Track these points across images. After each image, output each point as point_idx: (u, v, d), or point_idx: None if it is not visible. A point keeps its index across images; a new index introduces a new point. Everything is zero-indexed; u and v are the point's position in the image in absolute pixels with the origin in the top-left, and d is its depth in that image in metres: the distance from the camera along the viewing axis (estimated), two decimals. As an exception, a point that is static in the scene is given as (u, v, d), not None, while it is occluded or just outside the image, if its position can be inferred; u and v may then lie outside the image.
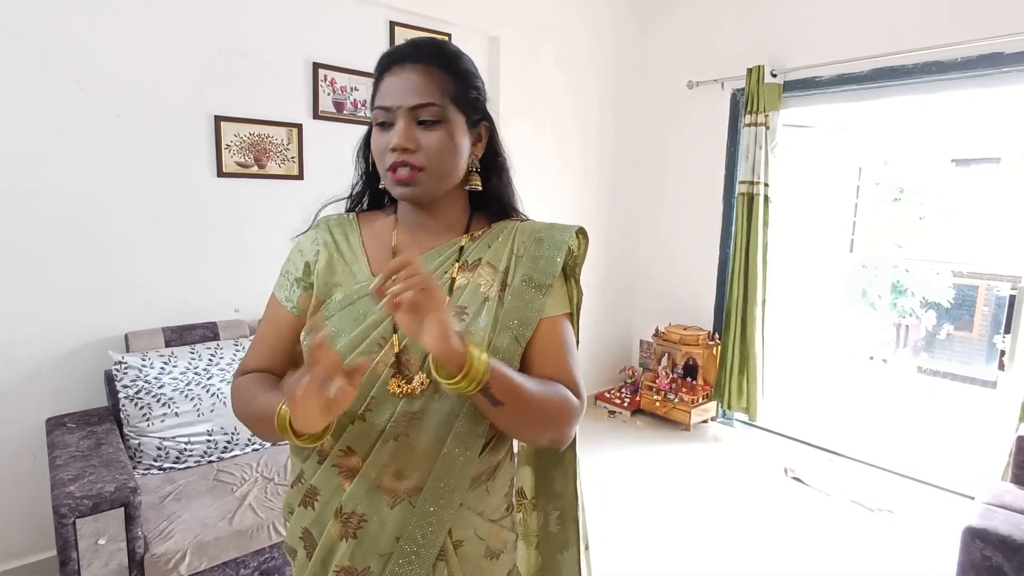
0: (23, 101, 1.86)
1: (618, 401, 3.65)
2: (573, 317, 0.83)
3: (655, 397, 3.48)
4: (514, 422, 0.72)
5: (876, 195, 6.68)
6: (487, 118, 0.83)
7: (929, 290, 6.49)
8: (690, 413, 3.34)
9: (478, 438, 0.74)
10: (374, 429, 0.74)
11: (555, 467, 0.91)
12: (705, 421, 3.50)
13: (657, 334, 3.61)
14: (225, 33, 2.21)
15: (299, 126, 2.42)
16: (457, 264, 0.80)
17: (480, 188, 0.83)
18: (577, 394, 0.77)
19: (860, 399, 4.30)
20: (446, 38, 2.82)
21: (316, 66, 2.44)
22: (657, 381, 3.52)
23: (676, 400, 3.41)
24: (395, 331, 0.76)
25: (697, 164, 3.57)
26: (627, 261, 3.91)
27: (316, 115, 2.47)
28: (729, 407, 3.35)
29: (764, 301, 3.20)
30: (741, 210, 3.19)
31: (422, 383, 0.74)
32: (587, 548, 0.94)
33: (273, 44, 2.33)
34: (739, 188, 3.22)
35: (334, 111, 2.52)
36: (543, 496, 0.91)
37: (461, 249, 0.81)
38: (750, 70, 3.06)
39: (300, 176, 2.46)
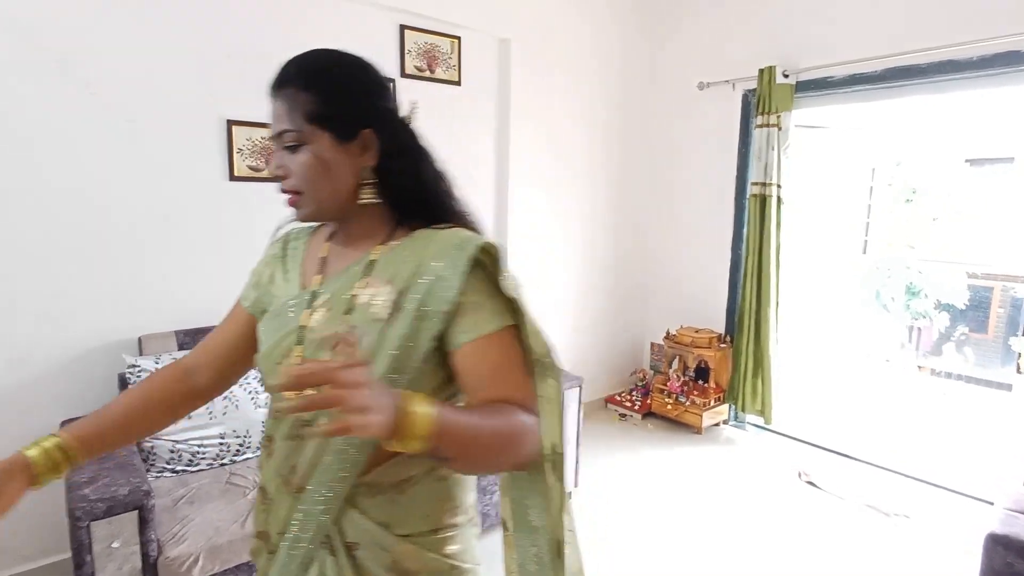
0: (36, 105, 1.87)
1: (628, 404, 3.63)
2: (520, 327, 0.75)
3: (666, 400, 3.46)
4: (467, 467, 0.73)
5: (889, 196, 6.61)
6: (375, 124, 0.76)
7: (943, 291, 6.42)
8: (702, 416, 3.32)
9: (358, 456, 0.73)
10: (282, 427, 0.80)
11: (528, 495, 0.80)
12: (717, 424, 3.48)
13: (668, 336, 3.59)
14: (236, 38, 2.22)
15: (310, 129, 2.43)
16: (364, 279, 0.77)
17: (371, 200, 0.78)
18: (530, 409, 0.72)
19: (874, 402, 4.25)
20: (456, 40, 2.83)
21: (327, 70, 2.44)
22: (668, 384, 3.49)
23: (687, 403, 3.38)
24: (299, 343, 0.78)
25: (708, 165, 3.55)
26: (637, 263, 3.89)
27: (327, 118, 2.47)
28: (743, 410, 3.32)
29: (778, 303, 3.17)
30: (753, 211, 3.16)
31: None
32: None
33: (284, 48, 2.33)
34: (751, 189, 3.19)
35: (345, 114, 2.52)
36: (519, 529, 0.82)
37: (372, 262, 0.78)
38: (762, 71, 3.04)
39: (311, 179, 2.46)
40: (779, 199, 3.10)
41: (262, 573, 0.83)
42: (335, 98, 0.75)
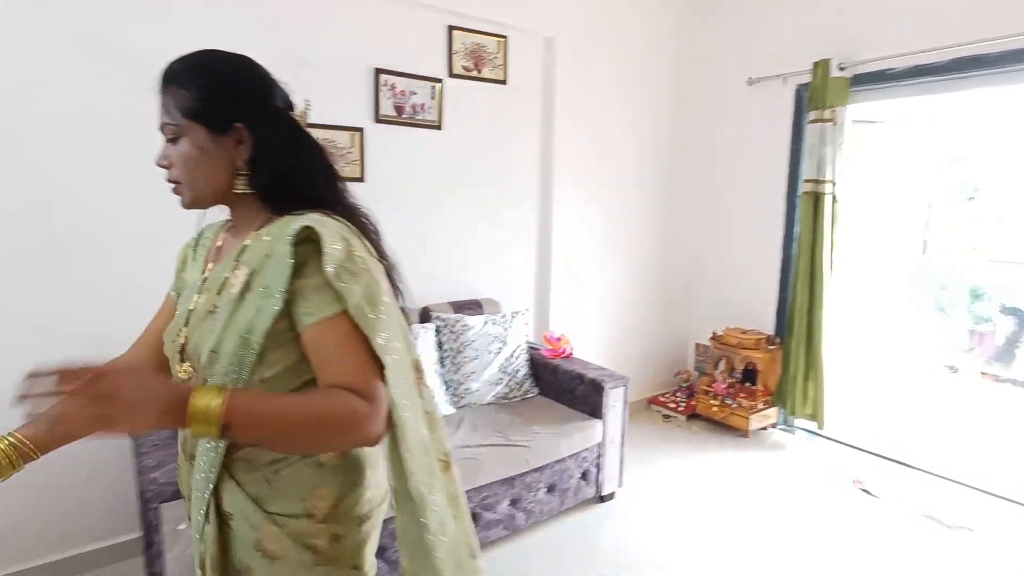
0: (106, 106, 1.98)
1: (672, 405, 3.58)
2: (360, 311, 0.75)
3: (712, 402, 3.39)
4: (280, 449, 0.78)
5: (950, 193, 6.29)
6: (248, 119, 0.81)
7: (1009, 294, 6.06)
8: (748, 419, 3.24)
9: None
10: None
11: (394, 468, 0.82)
12: (765, 428, 3.39)
13: (714, 337, 3.52)
14: (292, 42, 2.29)
15: (361, 130, 2.49)
16: (235, 263, 0.82)
17: (245, 190, 0.83)
18: (366, 392, 0.73)
19: (933, 408, 4.06)
20: (503, 39, 2.84)
21: (378, 71, 2.50)
22: (714, 385, 3.43)
23: (734, 405, 3.31)
24: (185, 324, 0.85)
25: (758, 163, 3.46)
26: (683, 263, 3.83)
27: (378, 119, 2.53)
28: (792, 414, 3.23)
29: (831, 304, 3.07)
30: (806, 210, 3.07)
31: (186, 371, 0.85)
32: (473, 557, 0.87)
33: (338, 52, 2.41)
34: (804, 187, 3.10)
35: (395, 114, 2.57)
36: (399, 496, 0.85)
37: (244, 247, 0.83)
38: (816, 64, 2.94)
39: (362, 179, 2.53)
40: (833, 197, 3.00)
41: None
42: (209, 94, 0.80)
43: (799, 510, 2.57)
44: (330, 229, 0.76)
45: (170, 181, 0.83)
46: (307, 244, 0.76)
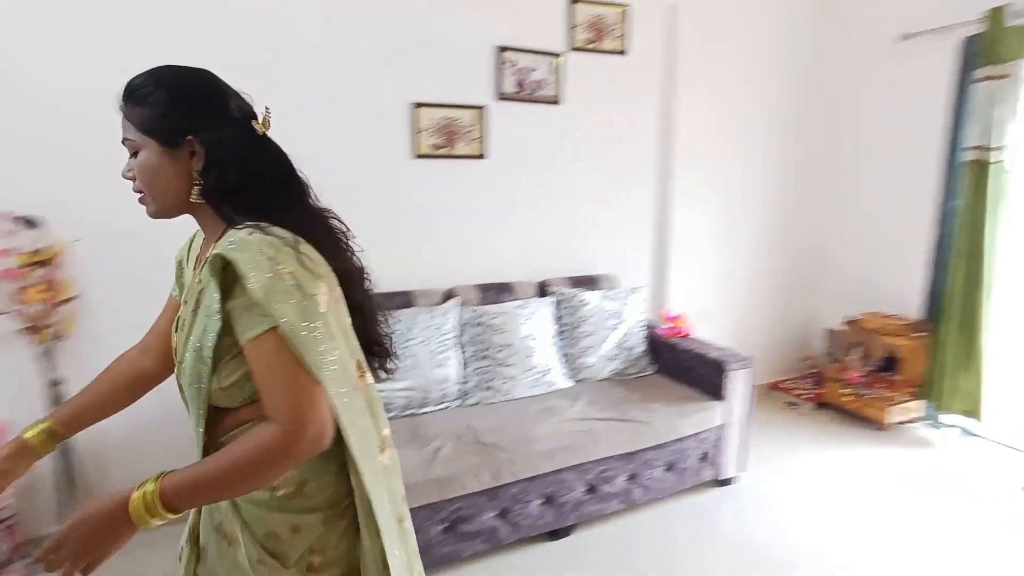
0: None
1: (798, 392, 3.36)
2: (292, 328, 0.75)
3: (844, 391, 3.14)
4: (227, 497, 0.85)
5: None
6: (198, 131, 0.83)
7: None
8: (886, 411, 2.96)
9: (200, 419, 0.84)
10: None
11: (346, 457, 0.87)
12: (903, 422, 3.09)
13: (850, 322, 3.25)
14: (423, 24, 2.39)
15: (483, 108, 2.55)
16: (199, 276, 0.84)
17: (198, 200, 0.85)
18: (291, 416, 0.74)
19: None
20: (624, 8, 2.77)
21: (500, 49, 2.53)
22: (847, 373, 3.17)
23: (870, 395, 3.04)
24: (176, 329, 0.89)
25: (905, 129, 3.11)
26: (811, 241, 3.56)
27: (500, 96, 2.58)
28: (942, 409, 2.91)
29: (997, 287, 2.70)
30: (969, 181, 2.72)
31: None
32: (401, 521, 0.92)
33: (462, 31, 2.47)
34: (967, 155, 2.74)
35: (516, 91, 2.60)
36: (352, 474, 0.87)
37: (206, 260, 0.82)
38: (993, 10, 2.57)
39: (482, 156, 2.59)
40: (1004, 165, 2.63)
41: None
42: (161, 109, 0.83)
43: (950, 515, 2.32)
44: (249, 252, 0.76)
45: (135, 191, 0.88)
46: (233, 266, 0.77)
